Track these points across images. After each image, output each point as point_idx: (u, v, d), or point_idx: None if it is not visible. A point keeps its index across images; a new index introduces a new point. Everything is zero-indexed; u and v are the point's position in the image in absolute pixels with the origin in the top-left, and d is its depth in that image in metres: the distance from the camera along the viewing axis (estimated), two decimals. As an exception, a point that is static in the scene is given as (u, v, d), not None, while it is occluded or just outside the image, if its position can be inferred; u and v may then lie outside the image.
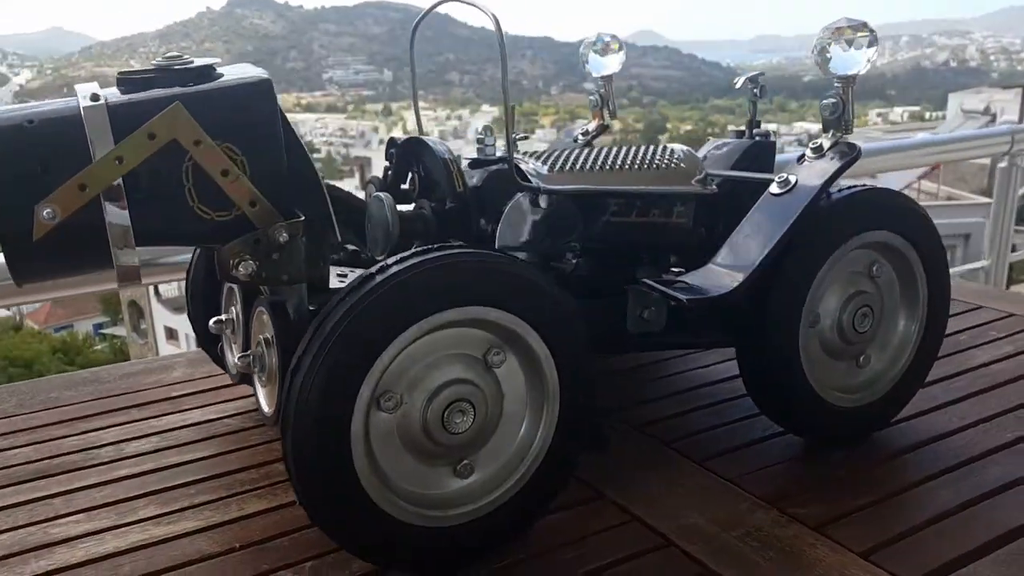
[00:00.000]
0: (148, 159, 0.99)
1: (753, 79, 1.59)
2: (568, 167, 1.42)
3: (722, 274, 1.29)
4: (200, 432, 1.56)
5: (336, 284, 1.26)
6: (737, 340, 1.38)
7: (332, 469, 1.00)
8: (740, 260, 1.29)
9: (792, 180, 1.32)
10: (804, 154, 1.36)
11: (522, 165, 1.39)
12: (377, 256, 1.34)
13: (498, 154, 1.42)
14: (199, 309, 1.55)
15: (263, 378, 1.24)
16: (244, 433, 1.55)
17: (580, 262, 1.42)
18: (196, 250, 1.58)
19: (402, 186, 1.48)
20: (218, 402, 1.68)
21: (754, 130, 1.64)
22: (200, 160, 1.01)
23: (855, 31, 1.28)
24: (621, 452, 1.43)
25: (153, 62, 1.07)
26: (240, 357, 1.25)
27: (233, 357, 1.40)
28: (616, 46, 1.77)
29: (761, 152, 1.62)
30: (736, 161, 1.61)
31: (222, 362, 1.54)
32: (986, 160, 3.42)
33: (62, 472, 1.42)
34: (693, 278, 1.32)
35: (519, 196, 1.38)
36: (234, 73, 1.08)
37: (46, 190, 0.96)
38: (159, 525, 1.25)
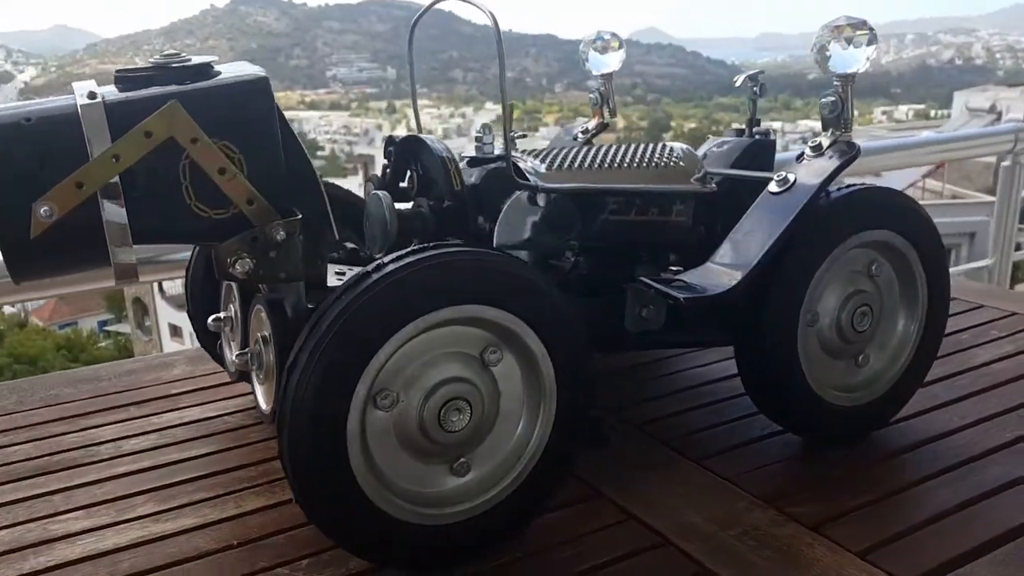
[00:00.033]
0: (145, 157, 0.99)
1: (753, 77, 1.59)
2: (566, 165, 1.42)
3: (720, 273, 1.29)
4: (199, 430, 1.56)
5: (334, 282, 1.26)
6: (736, 339, 1.38)
7: (328, 467, 1.01)
8: (738, 259, 1.29)
9: (791, 179, 1.32)
10: (803, 152, 1.36)
11: (520, 163, 1.39)
12: (375, 254, 1.34)
13: (496, 152, 1.42)
14: (199, 307, 1.56)
15: (261, 376, 1.24)
16: (243, 431, 1.55)
17: (579, 260, 1.41)
18: (196, 248, 1.58)
19: (401, 184, 1.48)
20: (217, 400, 1.69)
21: (754, 128, 1.64)
22: (197, 158, 1.01)
23: (854, 29, 1.28)
24: (619, 450, 1.43)
25: (150, 60, 1.07)
26: (238, 355, 1.25)
27: (231, 355, 1.41)
28: (616, 44, 1.77)
29: (761, 151, 1.61)
30: (736, 160, 1.60)
31: (221, 360, 1.55)
32: (992, 159, 3.39)
33: (62, 469, 1.43)
34: (691, 277, 1.32)
35: (517, 194, 1.38)
36: (231, 71, 1.08)
37: (43, 188, 0.96)
38: (157, 522, 1.25)
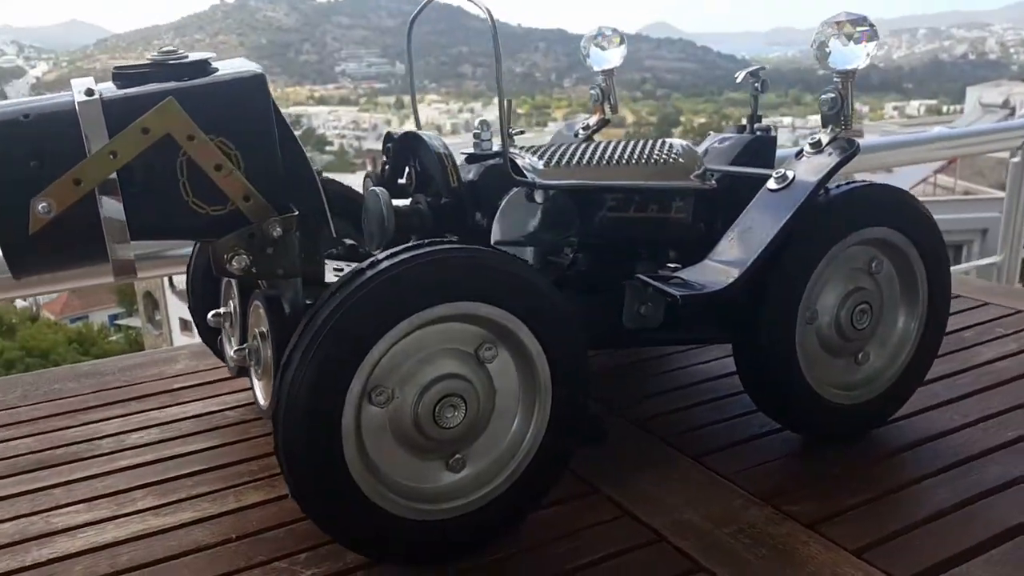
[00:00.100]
0: (142, 154, 1.00)
1: (754, 73, 1.58)
2: (564, 162, 1.42)
3: (718, 270, 1.29)
4: (200, 424, 1.57)
5: (332, 278, 1.26)
6: (734, 336, 1.38)
7: (323, 463, 1.01)
8: (736, 256, 1.28)
9: (790, 175, 1.31)
10: (802, 149, 1.35)
11: (518, 160, 1.39)
12: (373, 251, 1.34)
13: (495, 148, 1.42)
14: (200, 302, 1.57)
15: (259, 371, 1.25)
16: (244, 425, 1.56)
17: (577, 257, 1.41)
18: (196, 244, 1.59)
19: (399, 180, 1.48)
20: (219, 394, 1.70)
21: (755, 124, 1.63)
22: (194, 155, 1.01)
23: (855, 25, 1.27)
24: (617, 447, 1.43)
25: (148, 57, 1.07)
26: (236, 350, 1.26)
27: (230, 350, 1.42)
28: (617, 40, 1.76)
29: (762, 147, 1.61)
30: (736, 156, 1.60)
31: (223, 355, 1.56)
32: (1005, 154, 3.36)
33: (63, 463, 1.44)
34: (689, 274, 1.31)
35: (515, 191, 1.38)
36: (228, 68, 1.08)
37: (42, 184, 0.97)
38: (158, 516, 1.27)
